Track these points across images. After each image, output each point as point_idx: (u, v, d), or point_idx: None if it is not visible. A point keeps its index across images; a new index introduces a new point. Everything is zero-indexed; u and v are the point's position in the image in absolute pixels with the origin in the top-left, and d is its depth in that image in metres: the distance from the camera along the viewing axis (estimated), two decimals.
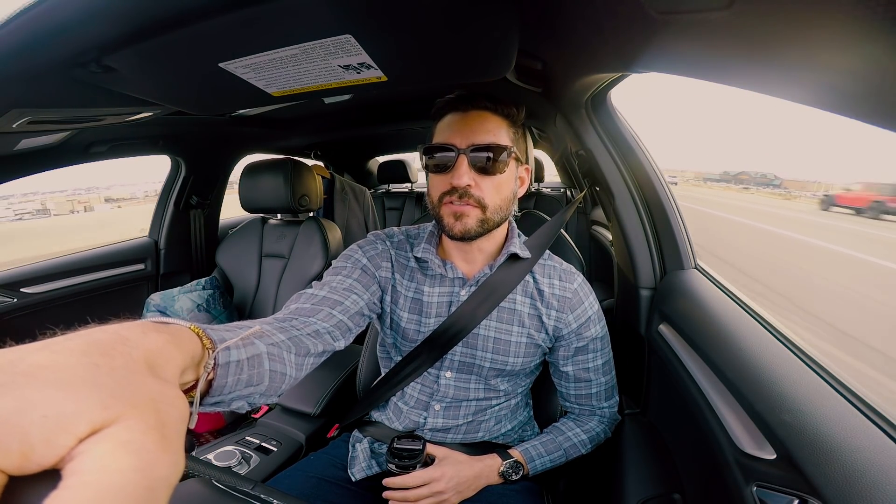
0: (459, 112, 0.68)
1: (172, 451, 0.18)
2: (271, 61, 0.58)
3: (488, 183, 0.66)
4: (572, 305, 0.74)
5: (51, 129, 0.99)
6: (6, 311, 1.36)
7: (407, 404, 0.78)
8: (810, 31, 0.28)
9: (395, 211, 2.98)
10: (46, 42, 0.52)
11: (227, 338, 0.39)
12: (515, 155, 0.69)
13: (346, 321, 0.65)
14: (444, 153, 0.66)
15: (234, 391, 0.40)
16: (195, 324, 0.34)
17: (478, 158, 0.65)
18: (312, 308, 0.63)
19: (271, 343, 0.49)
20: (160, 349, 0.24)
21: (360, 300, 0.69)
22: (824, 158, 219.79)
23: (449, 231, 0.68)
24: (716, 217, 10.11)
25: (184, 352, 0.28)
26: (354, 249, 0.77)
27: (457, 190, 0.65)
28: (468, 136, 0.65)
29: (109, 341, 0.21)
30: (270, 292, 1.52)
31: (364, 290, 0.71)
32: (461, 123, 0.67)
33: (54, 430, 0.16)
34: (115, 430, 0.17)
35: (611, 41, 0.56)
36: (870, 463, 0.38)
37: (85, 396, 0.17)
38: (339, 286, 0.69)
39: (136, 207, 5.85)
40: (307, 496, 0.70)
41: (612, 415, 0.81)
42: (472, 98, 0.68)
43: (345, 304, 0.66)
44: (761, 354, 0.57)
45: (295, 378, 0.53)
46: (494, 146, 0.65)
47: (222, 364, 0.38)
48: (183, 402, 0.21)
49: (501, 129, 0.67)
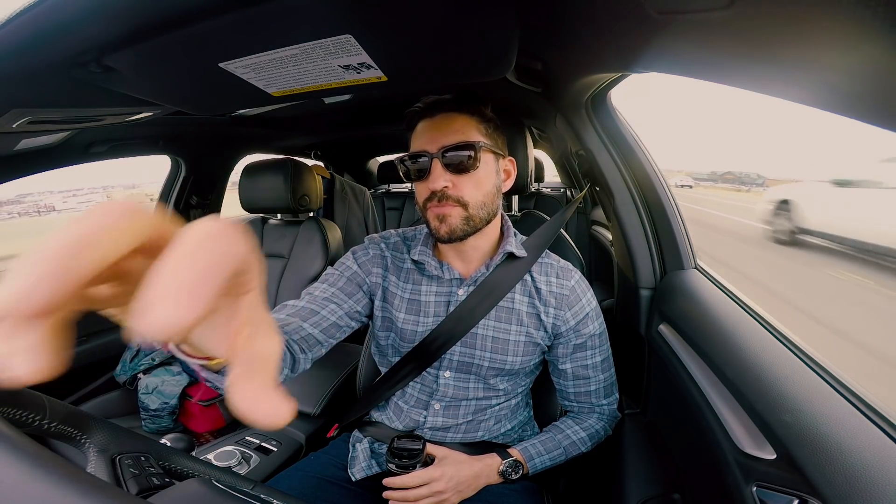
0: (428, 118, 0.71)
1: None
2: (271, 61, 0.58)
3: (465, 181, 0.68)
4: (570, 302, 0.74)
5: (51, 129, 0.99)
6: None
7: (407, 403, 0.78)
8: (810, 31, 0.28)
9: (394, 211, 2.98)
10: (46, 42, 0.51)
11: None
12: (489, 149, 0.70)
13: (316, 334, 0.67)
14: (418, 160, 0.68)
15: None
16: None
17: (450, 159, 0.67)
18: (285, 319, 0.65)
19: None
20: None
21: (339, 310, 0.71)
22: (811, 158, 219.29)
23: (436, 233, 0.69)
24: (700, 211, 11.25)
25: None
26: (347, 256, 0.79)
27: (435, 194, 0.67)
28: (438, 139, 0.67)
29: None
30: (270, 292, 1.52)
31: (345, 299, 0.73)
32: (431, 129, 0.69)
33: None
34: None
35: (611, 41, 0.56)
36: (870, 463, 0.38)
37: None
38: (320, 295, 0.71)
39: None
40: (307, 496, 0.71)
41: (611, 412, 0.81)
42: (438, 103, 0.70)
43: (320, 315, 0.68)
44: (761, 354, 0.57)
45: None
46: (463, 144, 0.67)
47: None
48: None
49: (470, 126, 0.69)
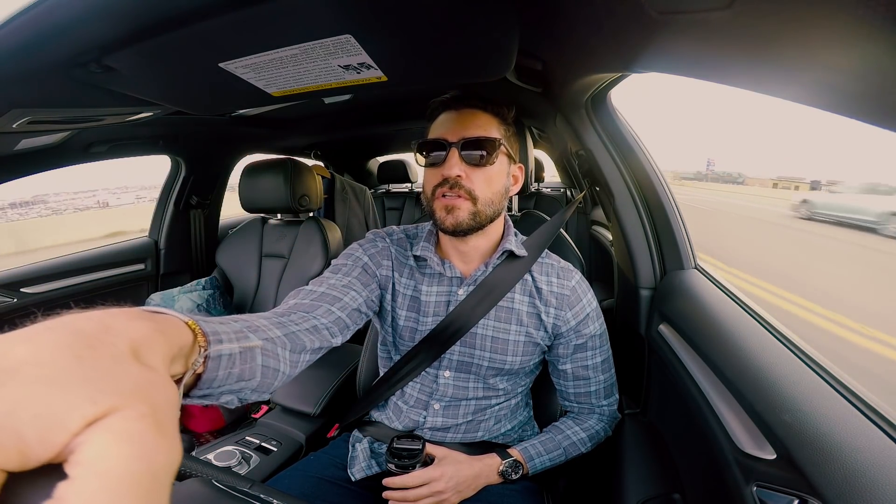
0: (452, 111, 0.71)
1: (168, 436, 0.18)
2: (271, 61, 0.58)
3: (479, 175, 0.68)
4: (571, 303, 0.74)
5: (51, 129, 0.99)
6: (6, 311, 1.35)
7: (406, 403, 0.78)
8: (810, 31, 0.28)
9: (395, 211, 2.99)
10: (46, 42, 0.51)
11: (220, 331, 0.38)
12: (506, 150, 0.71)
13: (345, 318, 0.65)
14: (436, 148, 0.69)
15: (223, 385, 0.39)
16: (192, 317, 0.33)
17: (468, 151, 0.67)
18: (311, 304, 0.63)
19: (266, 338, 0.48)
20: (145, 336, 0.23)
21: (359, 297, 0.70)
22: (792, 158, 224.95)
23: (441, 224, 0.69)
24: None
25: (170, 341, 0.27)
26: (355, 248, 0.77)
27: (448, 181, 0.67)
28: (459, 131, 0.68)
29: (93, 331, 0.21)
30: (270, 292, 1.52)
31: (363, 288, 0.71)
32: (453, 120, 0.70)
33: (48, 428, 0.16)
34: (109, 422, 0.17)
35: (610, 41, 0.56)
36: (870, 463, 0.38)
37: (73, 392, 0.17)
38: (337, 283, 0.69)
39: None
40: (307, 496, 0.70)
41: (611, 413, 0.81)
42: (464, 98, 0.72)
43: (343, 301, 0.67)
44: (761, 354, 0.57)
45: (288, 375, 0.51)
46: (484, 139, 0.67)
47: (213, 357, 0.36)
48: (171, 387, 0.21)
49: (492, 125, 0.70)
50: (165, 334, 0.26)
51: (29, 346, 0.18)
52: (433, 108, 0.74)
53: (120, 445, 0.16)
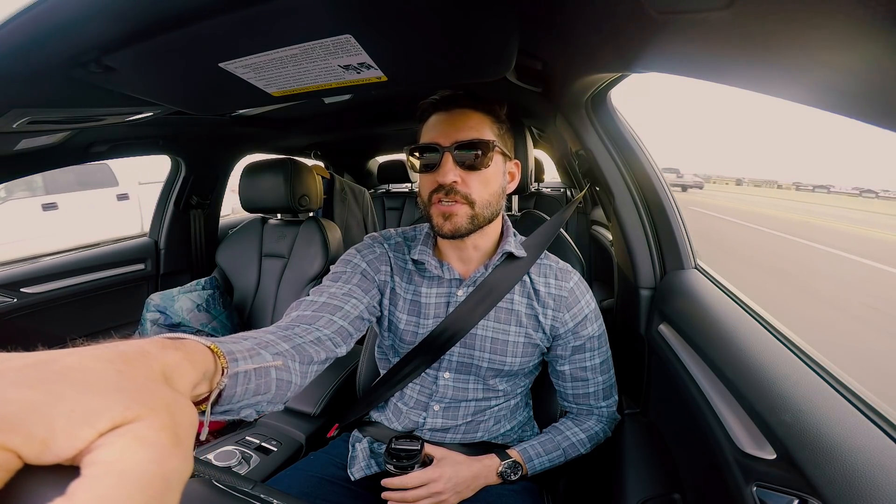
0: (443, 112, 0.70)
1: (184, 448, 0.20)
2: (271, 61, 0.58)
3: (475, 178, 0.67)
4: (568, 304, 0.74)
5: (51, 129, 0.99)
6: (6, 311, 1.35)
7: (406, 405, 0.78)
8: (810, 31, 0.28)
9: (394, 211, 2.98)
10: (46, 42, 0.51)
11: (234, 350, 0.42)
12: (500, 150, 0.69)
13: (347, 326, 0.66)
14: (429, 152, 0.68)
15: (242, 400, 0.42)
16: (213, 342, 0.36)
17: (462, 154, 0.66)
18: (313, 315, 0.64)
19: (276, 353, 0.51)
20: (176, 364, 0.27)
21: (360, 304, 0.70)
22: (783, 162, 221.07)
23: (439, 230, 0.69)
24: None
25: (197, 368, 0.31)
26: (353, 254, 0.77)
27: (443, 187, 0.66)
28: (452, 134, 0.67)
29: (133, 353, 0.24)
30: (270, 292, 1.52)
31: (363, 295, 0.71)
32: (445, 123, 0.68)
33: (78, 424, 0.17)
34: (133, 427, 0.18)
35: (610, 41, 0.56)
36: (870, 463, 0.38)
37: (110, 397, 0.19)
38: (338, 291, 0.69)
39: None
40: (307, 496, 0.70)
41: (610, 414, 0.81)
42: (455, 98, 0.70)
43: (345, 310, 0.67)
44: (761, 354, 0.57)
45: (300, 385, 0.55)
46: (478, 141, 0.66)
47: (230, 375, 0.40)
48: (193, 411, 0.23)
49: (484, 125, 0.69)
50: (193, 363, 0.30)
51: (77, 357, 0.21)
52: (423, 109, 0.73)
53: (138, 449, 0.18)
